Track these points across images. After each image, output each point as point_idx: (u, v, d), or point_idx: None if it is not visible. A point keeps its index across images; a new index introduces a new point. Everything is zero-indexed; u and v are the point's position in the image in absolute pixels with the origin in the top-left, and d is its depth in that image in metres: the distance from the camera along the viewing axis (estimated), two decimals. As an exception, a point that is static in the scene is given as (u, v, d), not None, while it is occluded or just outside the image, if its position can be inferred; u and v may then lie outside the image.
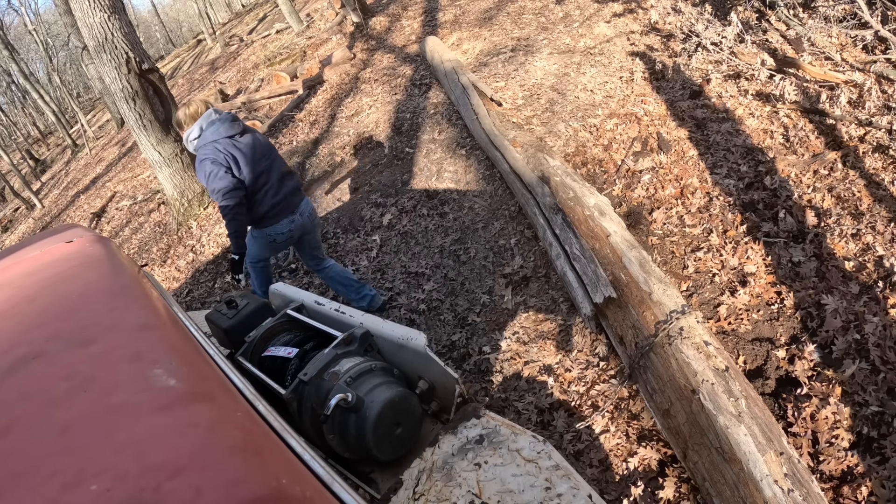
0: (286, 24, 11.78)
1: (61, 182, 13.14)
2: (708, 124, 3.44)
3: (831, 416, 1.88)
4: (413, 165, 4.14)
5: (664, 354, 1.95)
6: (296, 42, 10.22)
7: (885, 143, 2.91)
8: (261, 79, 9.36)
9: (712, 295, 2.45)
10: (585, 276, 2.40)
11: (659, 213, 2.89)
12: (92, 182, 10.57)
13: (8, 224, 13.41)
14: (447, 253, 3.29)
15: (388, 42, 7.24)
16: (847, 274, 2.38)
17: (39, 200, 12.22)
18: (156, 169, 5.33)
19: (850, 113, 3.16)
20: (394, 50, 6.84)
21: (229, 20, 22.02)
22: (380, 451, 1.39)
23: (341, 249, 3.76)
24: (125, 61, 4.79)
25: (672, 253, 2.70)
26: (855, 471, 1.76)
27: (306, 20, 11.09)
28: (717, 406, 1.71)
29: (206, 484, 0.54)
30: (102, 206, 8.34)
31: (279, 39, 11.56)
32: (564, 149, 3.58)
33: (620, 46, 4.57)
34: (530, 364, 2.51)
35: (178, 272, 4.79)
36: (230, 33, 16.58)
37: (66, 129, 14.85)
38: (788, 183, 2.92)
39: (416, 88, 5.41)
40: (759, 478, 1.53)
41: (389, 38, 7.41)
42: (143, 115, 4.94)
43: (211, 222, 5.08)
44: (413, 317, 3.01)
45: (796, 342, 2.16)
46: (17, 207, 14.04)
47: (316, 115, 6.02)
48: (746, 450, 1.59)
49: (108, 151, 12.14)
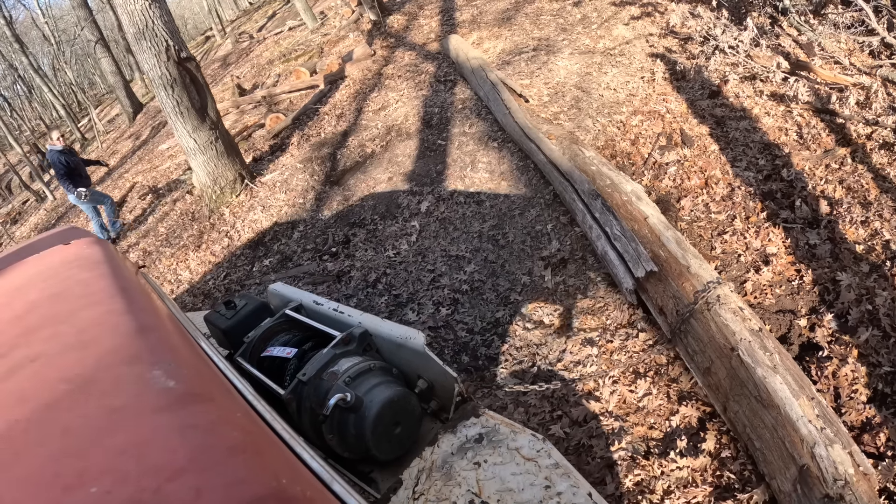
0: (298, 21, 11.97)
1: (71, 174, 13.24)
2: (727, 122, 3.71)
3: (850, 374, 2.14)
4: (446, 157, 4.38)
5: (704, 319, 2.21)
6: (311, 39, 10.42)
7: (891, 140, 3.18)
8: (277, 74, 9.55)
9: (739, 273, 2.71)
10: (626, 254, 2.66)
11: (686, 200, 3.16)
12: (107, 174, 10.71)
13: (17, 216, 13.48)
14: (486, 238, 3.53)
15: (408, 40, 7.47)
16: (858, 255, 2.65)
17: (51, 192, 12.32)
18: (190, 156, 5.49)
19: (858, 113, 3.44)
20: (414, 48, 7.07)
21: (237, 17, 22.13)
22: (379, 451, 1.39)
23: (380, 235, 4.00)
24: (165, 49, 4.92)
25: (700, 236, 2.96)
26: (873, 421, 2.03)
27: (320, 18, 11.28)
28: (755, 360, 1.97)
29: (206, 485, 0.55)
30: (123, 197, 8.50)
31: (292, 36, 11.74)
32: (594, 142, 3.84)
33: (640, 48, 4.84)
34: (573, 337, 2.76)
35: (213, 256, 4.99)
36: (239, 30, 16.73)
37: (75, 123, 14.91)
38: (803, 175, 3.19)
39: (441, 85, 5.65)
40: (796, 419, 1.79)
41: (408, 36, 7.64)
42: (180, 102, 5.09)
43: (244, 209, 5.29)
44: (457, 296, 3.25)
45: (815, 313, 2.43)
46: (26, 200, 14.12)
47: (342, 109, 6.24)
48: (783, 395, 1.85)
49: (121, 144, 12.27)
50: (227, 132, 5.64)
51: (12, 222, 12.95)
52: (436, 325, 3.12)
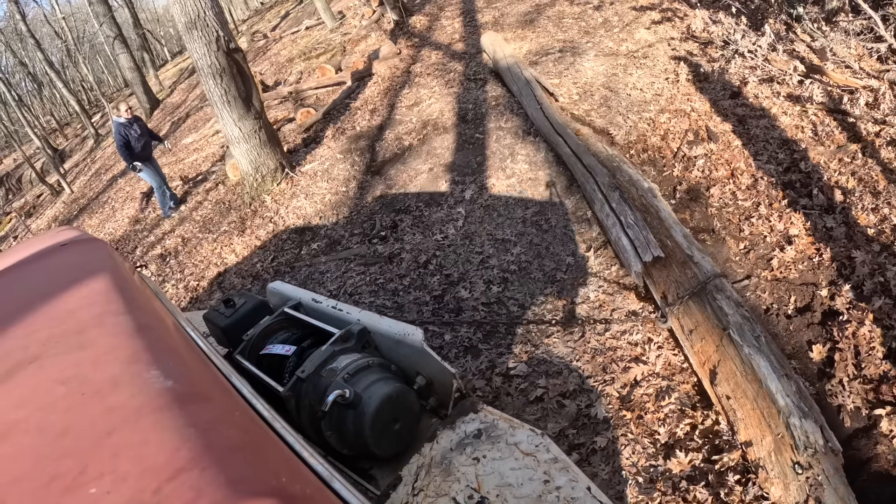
0: (315, 20, 12.26)
1: (89, 169, 13.44)
2: (748, 120, 4.07)
3: (867, 334, 2.49)
4: (485, 149, 4.71)
5: (701, 302, 2.56)
6: (330, 38, 10.72)
7: (898, 137, 3.55)
8: (300, 71, 9.84)
9: (765, 251, 3.06)
10: (637, 241, 3.01)
11: (715, 189, 3.50)
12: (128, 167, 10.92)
13: (31, 210, 13.67)
14: (529, 223, 3.87)
15: (432, 40, 7.79)
16: (870, 237, 3.00)
17: (68, 184, 12.53)
18: (233, 144, 5.73)
19: (868, 113, 3.80)
20: (440, 47, 7.39)
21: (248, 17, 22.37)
22: (378, 447, 1.39)
23: (426, 220, 4.32)
24: (215, 38, 5.15)
25: (729, 220, 3.31)
26: (889, 374, 2.37)
27: (338, 17, 11.57)
28: (743, 339, 2.30)
29: (206, 484, 0.55)
30: (150, 188, 8.76)
31: (309, 35, 12.03)
32: (627, 137, 4.18)
33: (662, 51, 5.19)
34: (617, 310, 3.10)
35: (258, 240, 5.30)
36: (252, 29, 16.98)
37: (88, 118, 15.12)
38: (819, 168, 3.55)
39: (472, 83, 5.97)
40: (775, 391, 2.09)
41: (432, 36, 7.96)
42: (227, 91, 5.36)
43: (286, 197, 5.59)
44: (506, 275, 3.58)
45: (835, 284, 2.78)
46: (40, 194, 14.31)
47: (374, 105, 6.55)
48: (766, 371, 2.16)
49: (140, 138, 12.46)
50: (270, 123, 5.94)
51: (26, 215, 13.14)
52: (488, 301, 3.45)
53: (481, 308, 3.43)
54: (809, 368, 2.52)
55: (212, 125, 9.92)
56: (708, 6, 5.51)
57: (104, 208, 9.86)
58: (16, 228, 12.95)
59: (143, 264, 6.24)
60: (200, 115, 11.37)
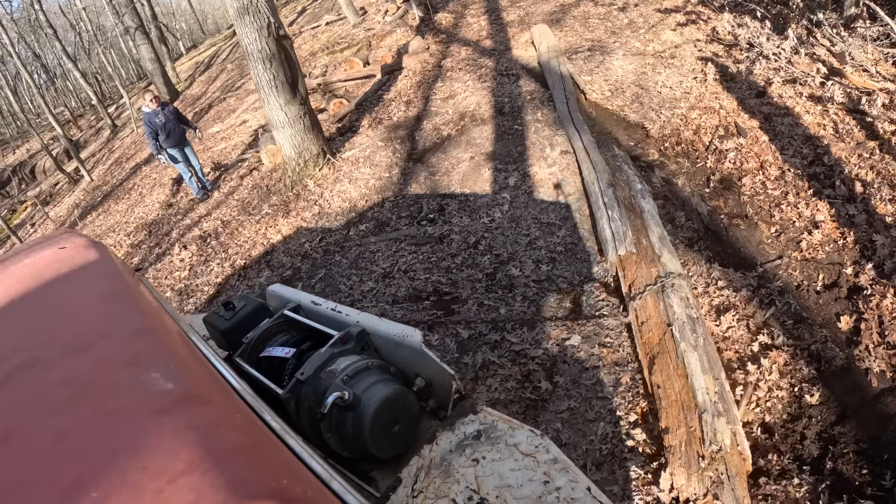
0: (337, 16, 12.51)
1: (107, 158, 13.64)
2: (773, 118, 4.40)
3: (890, 306, 2.83)
4: (524, 140, 5.03)
5: (656, 298, 2.88)
6: (353, 33, 10.98)
7: (913, 135, 3.89)
8: (325, 65, 10.10)
9: (795, 234, 3.40)
10: (617, 235, 3.35)
11: (746, 179, 3.84)
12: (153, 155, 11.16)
13: (47, 198, 13.83)
14: (573, 207, 4.19)
15: (459, 36, 8.09)
16: (888, 224, 3.35)
17: (88, 172, 12.72)
18: (277, 129, 5.97)
19: (884, 113, 4.15)
20: (468, 44, 7.69)
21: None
22: (378, 449, 1.39)
23: (472, 205, 4.63)
24: (266, 25, 5.38)
25: (760, 207, 3.65)
26: (909, 339, 2.71)
27: (360, 13, 11.83)
28: (682, 336, 2.56)
29: (206, 486, 0.55)
30: (179, 175, 9.02)
31: (330, 31, 12.28)
32: (661, 131, 4.51)
33: (689, 52, 5.52)
34: (658, 282, 3.42)
35: (304, 222, 5.59)
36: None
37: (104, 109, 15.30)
38: (840, 162, 3.89)
39: (505, 78, 6.28)
40: (697, 388, 2.30)
41: (459, 33, 8.25)
42: (276, 76, 5.61)
43: (329, 181, 5.89)
44: (553, 255, 3.90)
45: (858, 264, 3.12)
46: (57, 182, 14.48)
47: (408, 97, 6.85)
48: (694, 369, 2.38)
49: (161, 126, 12.67)
50: (313, 110, 6.22)
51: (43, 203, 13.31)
52: (538, 279, 3.77)
53: (532, 285, 3.74)
54: (838, 337, 2.86)
55: (238, 115, 10.18)
56: (732, 10, 5.85)
57: (130, 194, 10.09)
58: (32, 216, 13.13)
59: (183, 245, 6.52)
60: (223, 106, 11.60)
